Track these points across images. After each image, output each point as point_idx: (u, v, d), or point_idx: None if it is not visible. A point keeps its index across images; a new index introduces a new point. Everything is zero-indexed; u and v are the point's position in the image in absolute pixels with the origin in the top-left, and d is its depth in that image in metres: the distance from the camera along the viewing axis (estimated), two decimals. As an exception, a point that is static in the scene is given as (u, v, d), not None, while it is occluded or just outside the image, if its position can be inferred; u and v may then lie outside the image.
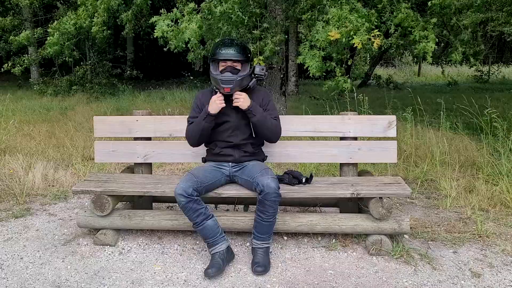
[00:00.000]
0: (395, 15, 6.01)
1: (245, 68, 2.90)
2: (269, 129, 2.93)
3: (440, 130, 6.27)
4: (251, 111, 2.85)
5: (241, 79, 2.85)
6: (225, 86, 2.83)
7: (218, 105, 2.84)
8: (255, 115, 2.85)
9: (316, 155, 3.28)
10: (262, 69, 2.97)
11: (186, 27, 5.79)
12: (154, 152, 3.34)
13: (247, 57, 2.88)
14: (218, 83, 2.85)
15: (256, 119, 2.86)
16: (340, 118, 3.27)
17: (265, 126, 2.90)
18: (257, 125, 2.89)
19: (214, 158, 3.04)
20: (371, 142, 3.27)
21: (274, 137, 2.99)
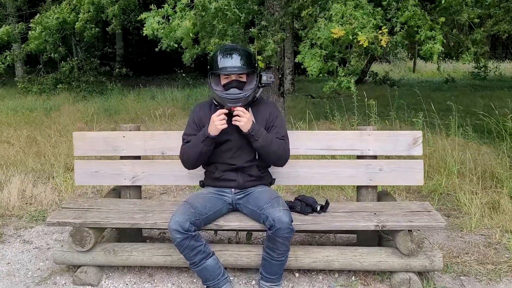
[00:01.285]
0: (401, 13, 5.60)
1: (252, 79, 2.47)
2: (275, 154, 2.50)
3: (450, 136, 5.87)
4: (252, 135, 2.42)
5: (249, 95, 2.42)
6: (232, 105, 2.41)
7: (218, 126, 2.40)
8: (257, 140, 2.43)
9: (330, 177, 2.86)
10: (270, 77, 2.54)
11: (178, 24, 5.32)
12: (144, 173, 2.90)
13: (253, 66, 2.45)
14: (224, 102, 2.42)
15: (259, 145, 2.44)
16: (358, 134, 2.85)
17: (271, 150, 2.48)
18: (260, 150, 2.47)
19: (214, 183, 2.60)
20: (394, 161, 2.86)
21: (281, 161, 2.57)
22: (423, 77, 20.41)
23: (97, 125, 7.67)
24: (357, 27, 4.73)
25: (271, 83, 2.54)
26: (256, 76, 2.48)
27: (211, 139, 2.44)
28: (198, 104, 2.72)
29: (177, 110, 9.30)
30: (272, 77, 2.54)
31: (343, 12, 5.03)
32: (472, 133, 6.14)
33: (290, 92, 11.89)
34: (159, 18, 5.43)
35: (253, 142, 2.43)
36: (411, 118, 7.16)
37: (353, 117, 7.20)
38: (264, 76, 2.52)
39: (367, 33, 4.64)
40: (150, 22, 5.37)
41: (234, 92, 2.40)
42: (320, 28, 5.22)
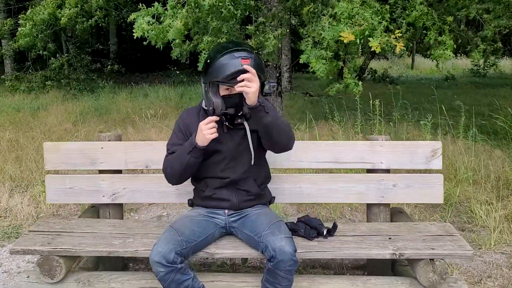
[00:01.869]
0: (408, 12, 5.26)
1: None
2: (285, 130, 2.10)
3: (458, 138, 5.54)
4: (263, 107, 1.99)
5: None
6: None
7: (207, 136, 2.04)
8: (267, 112, 2.01)
9: (337, 194, 2.52)
10: (272, 87, 2.16)
11: (169, 24, 4.95)
12: (126, 189, 2.54)
13: (263, 77, 2.08)
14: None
15: (269, 120, 2.01)
16: (369, 144, 2.51)
17: (280, 127, 2.07)
18: (269, 128, 2.04)
19: (204, 202, 2.25)
20: (409, 176, 2.51)
21: (291, 140, 2.16)
22: (422, 74, 20.10)
23: (85, 126, 7.30)
24: (367, 29, 4.37)
25: (272, 92, 2.19)
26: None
27: (199, 150, 2.07)
28: (185, 109, 2.36)
29: (170, 109, 8.93)
30: (275, 86, 2.17)
31: (349, 10, 4.67)
32: (480, 135, 5.82)
33: (288, 90, 11.54)
34: (149, 17, 5.05)
35: (263, 117, 2.00)
36: (415, 118, 6.84)
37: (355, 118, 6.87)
38: (267, 85, 2.15)
39: (379, 38, 4.28)
40: (140, 23, 5.00)
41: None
42: (324, 27, 4.86)
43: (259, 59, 2.06)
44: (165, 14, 5.10)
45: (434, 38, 5.02)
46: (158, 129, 6.39)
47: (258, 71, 1.98)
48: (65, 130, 6.98)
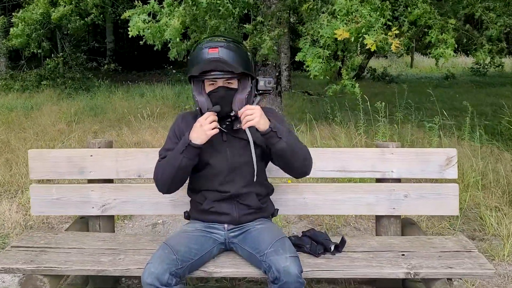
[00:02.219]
0: (410, 10, 5.08)
1: (245, 85, 1.93)
2: (302, 154, 1.94)
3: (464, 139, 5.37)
4: (275, 132, 1.84)
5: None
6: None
7: (207, 131, 1.84)
8: (281, 138, 1.84)
9: (344, 205, 2.34)
10: (269, 82, 2.00)
11: (166, 23, 4.76)
12: (117, 200, 2.36)
13: (247, 66, 1.90)
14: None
15: (284, 145, 1.85)
16: (379, 152, 2.33)
17: (296, 150, 1.91)
18: (286, 153, 1.88)
19: (201, 216, 2.07)
20: (422, 186, 2.34)
21: (309, 164, 1.99)
22: (421, 73, 19.95)
23: (79, 126, 7.11)
24: (363, 27, 4.19)
25: (270, 89, 2.01)
26: (251, 80, 1.95)
27: (194, 148, 1.86)
28: (180, 113, 2.17)
29: (166, 108, 8.75)
30: (272, 81, 2.01)
31: (348, 7, 4.49)
32: (486, 136, 5.65)
33: (287, 89, 11.37)
34: (145, 15, 4.86)
35: (276, 143, 1.84)
36: (418, 119, 6.67)
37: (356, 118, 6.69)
38: (261, 81, 1.99)
39: (375, 35, 4.11)
40: (135, 21, 4.81)
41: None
42: (322, 25, 4.68)
43: (237, 49, 1.88)
44: (162, 12, 4.91)
45: (436, 36, 4.85)
46: (154, 130, 6.21)
47: (234, 61, 1.83)
48: (59, 131, 6.78)
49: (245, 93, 1.91)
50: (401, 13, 5.12)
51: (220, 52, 1.81)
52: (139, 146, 5.28)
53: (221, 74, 1.85)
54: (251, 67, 1.92)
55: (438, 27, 4.85)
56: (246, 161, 1.99)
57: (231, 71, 1.83)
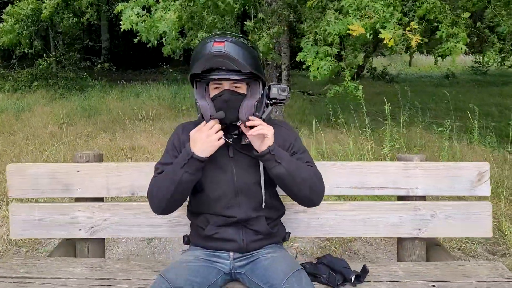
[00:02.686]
0: (419, 5, 4.83)
1: (255, 91, 1.68)
2: (306, 183, 1.68)
3: (472, 143, 5.12)
4: (273, 155, 1.62)
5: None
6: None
7: (214, 142, 1.61)
8: (279, 163, 1.62)
9: (364, 226, 2.08)
10: (283, 90, 1.73)
11: (161, 17, 4.49)
12: (107, 221, 2.09)
13: (257, 67, 1.63)
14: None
15: (282, 171, 1.63)
16: (402, 166, 2.08)
17: (300, 178, 1.66)
18: (285, 180, 1.65)
19: (204, 243, 1.81)
20: (451, 204, 2.09)
21: (316, 195, 1.72)
22: (420, 72, 19.77)
23: (72, 129, 6.83)
24: (377, 22, 3.94)
25: (284, 98, 1.75)
26: (261, 85, 1.69)
27: (198, 162, 1.61)
28: (181, 124, 1.90)
29: (163, 109, 8.48)
30: (286, 89, 1.73)
31: (358, 3, 4.23)
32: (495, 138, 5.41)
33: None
34: (138, 9, 4.59)
35: (274, 167, 1.62)
36: (425, 121, 6.43)
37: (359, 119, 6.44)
38: (274, 88, 1.72)
39: (391, 30, 3.85)
40: (128, 15, 4.54)
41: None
42: (329, 21, 4.42)
43: (247, 46, 1.60)
44: (157, 7, 4.64)
45: (447, 31, 4.61)
46: (149, 133, 5.93)
47: (242, 58, 1.56)
48: (50, 133, 6.51)
49: (255, 99, 1.65)
50: (410, 8, 4.88)
51: (227, 47, 1.54)
52: (134, 151, 5.02)
53: (227, 74, 1.58)
54: (262, 69, 1.66)
55: (448, 21, 4.60)
56: (256, 182, 1.74)
57: (238, 70, 1.57)
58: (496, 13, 5.22)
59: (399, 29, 3.95)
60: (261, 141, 1.64)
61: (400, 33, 3.94)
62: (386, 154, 4.30)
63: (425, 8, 4.68)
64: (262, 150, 1.62)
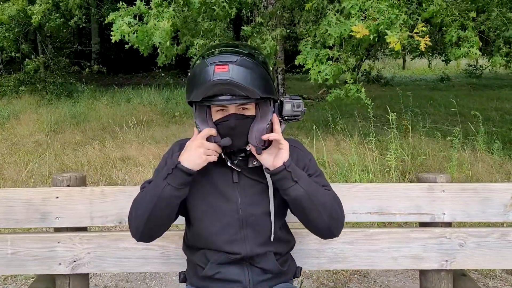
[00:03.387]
0: (425, 7, 4.63)
1: (266, 110, 1.41)
2: (326, 208, 1.43)
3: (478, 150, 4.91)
4: (290, 172, 1.37)
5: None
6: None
7: (202, 154, 1.36)
8: (296, 182, 1.37)
9: (383, 257, 1.84)
10: (297, 106, 1.47)
11: (154, 26, 4.24)
12: (91, 254, 1.83)
13: (268, 88, 1.36)
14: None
15: (301, 192, 1.38)
16: (426, 188, 1.84)
17: (319, 202, 1.41)
18: (302, 204, 1.39)
19: (203, 283, 1.55)
20: (481, 231, 1.85)
21: (336, 223, 1.48)
22: (414, 75, 19.66)
23: (60, 137, 6.54)
24: (382, 23, 3.72)
25: (299, 115, 1.49)
26: (272, 103, 1.44)
27: (184, 174, 1.35)
28: (178, 141, 1.60)
29: (154, 116, 8.21)
30: (301, 104, 1.48)
31: (361, 4, 4.01)
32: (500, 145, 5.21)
33: (281, 94, 10.87)
34: (130, 18, 4.33)
35: (290, 188, 1.37)
36: (426, 127, 6.22)
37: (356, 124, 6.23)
38: (287, 104, 1.47)
39: (398, 32, 3.63)
40: (119, 24, 4.27)
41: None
42: (331, 23, 4.20)
43: (255, 64, 1.33)
44: (149, 14, 4.38)
45: (457, 35, 4.40)
46: (140, 142, 5.66)
47: (250, 82, 1.29)
48: (37, 142, 6.22)
49: (266, 121, 1.40)
50: (414, 10, 4.67)
51: (232, 72, 1.28)
52: (124, 162, 4.75)
53: (233, 99, 1.33)
54: (273, 88, 1.40)
55: (457, 24, 4.39)
56: (264, 212, 1.49)
57: (246, 95, 1.32)
58: (502, 16, 5.03)
59: (406, 31, 3.73)
60: (275, 155, 1.40)
61: (406, 36, 3.71)
62: (391, 165, 4.07)
63: (432, 11, 4.48)
64: (276, 166, 1.37)
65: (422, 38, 3.75)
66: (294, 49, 13.95)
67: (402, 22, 3.81)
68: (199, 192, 1.49)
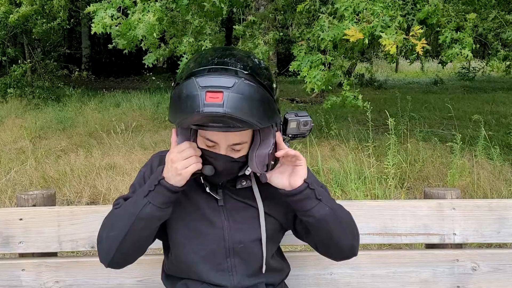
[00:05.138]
0: (420, 7, 4.48)
1: (268, 133, 1.19)
2: (350, 229, 1.27)
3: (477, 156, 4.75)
4: (313, 190, 1.19)
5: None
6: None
7: (179, 170, 1.14)
8: (320, 200, 1.19)
9: (388, 282, 1.65)
10: (304, 124, 1.23)
11: (139, 19, 4.04)
12: (60, 283, 1.62)
13: (270, 115, 1.12)
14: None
15: (327, 211, 1.20)
16: (435, 206, 1.65)
17: (343, 223, 1.25)
18: (328, 225, 1.21)
19: (185, 319, 1.35)
20: (496, 253, 1.67)
21: (356, 244, 1.30)
22: (407, 78, 19.59)
23: (45, 143, 6.30)
24: (377, 25, 3.55)
25: (306, 132, 1.27)
26: (275, 125, 1.20)
27: (168, 191, 1.16)
28: (158, 153, 1.40)
29: (144, 121, 7.99)
30: (308, 122, 1.23)
31: (355, 5, 3.84)
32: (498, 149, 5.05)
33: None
34: (113, 10, 4.12)
35: (314, 208, 1.18)
36: (423, 131, 6.06)
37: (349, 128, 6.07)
38: (293, 122, 1.23)
39: (393, 35, 3.46)
40: (101, 17, 4.07)
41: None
42: (323, 26, 4.02)
43: (255, 91, 1.07)
44: (134, 9, 4.18)
45: (450, 36, 4.25)
46: (128, 149, 5.44)
47: (249, 114, 1.05)
48: (20, 149, 5.97)
49: (268, 146, 1.18)
50: (408, 11, 4.51)
51: (226, 102, 1.03)
52: (110, 170, 4.53)
53: (226, 128, 1.10)
54: (276, 113, 1.15)
55: (453, 25, 4.24)
56: (254, 239, 1.29)
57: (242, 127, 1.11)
58: (500, 18, 4.89)
59: (401, 34, 3.56)
60: (289, 173, 1.20)
61: (401, 39, 3.55)
62: (389, 172, 3.90)
63: (426, 11, 4.32)
64: (295, 185, 1.17)
65: (419, 41, 3.59)
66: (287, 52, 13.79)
67: (397, 25, 3.65)
68: (180, 212, 1.29)
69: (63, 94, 10.46)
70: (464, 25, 4.37)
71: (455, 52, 4.26)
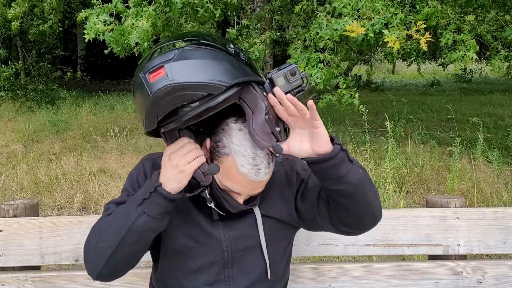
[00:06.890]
0: (419, 9, 4.42)
1: (253, 97, 1.05)
2: (375, 191, 1.13)
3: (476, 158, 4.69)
4: (345, 152, 1.05)
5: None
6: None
7: (183, 166, 1.04)
8: (352, 162, 1.06)
9: (390, 296, 1.57)
10: (292, 73, 1.04)
11: (132, 25, 3.95)
12: (42, 299, 1.53)
13: (236, 70, 1.00)
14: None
15: (361, 174, 1.07)
16: (438, 215, 1.58)
17: (371, 186, 1.11)
18: (360, 188, 1.07)
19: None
20: (501, 264, 1.59)
21: (379, 211, 1.15)
22: (404, 79, 19.55)
23: (38, 147, 6.20)
24: (378, 22, 3.48)
25: (302, 83, 1.07)
26: (257, 88, 1.05)
27: (165, 200, 1.05)
28: (150, 156, 1.28)
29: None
30: (296, 71, 1.06)
31: (354, 3, 3.77)
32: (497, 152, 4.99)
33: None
34: (106, 16, 4.04)
35: (349, 171, 1.04)
36: (422, 134, 6.00)
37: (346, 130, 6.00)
38: (278, 78, 1.05)
39: (396, 31, 3.40)
40: (93, 22, 3.98)
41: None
42: (321, 25, 3.95)
43: (204, 50, 0.98)
44: (127, 13, 4.10)
45: (452, 38, 4.20)
46: (121, 153, 5.35)
47: (206, 73, 0.95)
48: (12, 153, 5.87)
49: (262, 110, 1.03)
50: (407, 13, 4.45)
51: (170, 72, 0.93)
52: (103, 174, 4.44)
53: (195, 108, 0.97)
54: (246, 69, 1.03)
55: (453, 27, 4.18)
56: (252, 247, 1.21)
57: (208, 93, 0.96)
58: (499, 18, 4.84)
59: (404, 30, 3.49)
60: (309, 139, 1.05)
61: (404, 34, 3.48)
62: (387, 176, 3.82)
63: (426, 13, 4.26)
64: (322, 151, 1.03)
65: (423, 37, 3.52)
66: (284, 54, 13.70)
67: (399, 21, 3.58)
68: (176, 222, 1.19)
69: (57, 96, 10.35)
70: (463, 27, 4.31)
71: (460, 55, 4.20)
